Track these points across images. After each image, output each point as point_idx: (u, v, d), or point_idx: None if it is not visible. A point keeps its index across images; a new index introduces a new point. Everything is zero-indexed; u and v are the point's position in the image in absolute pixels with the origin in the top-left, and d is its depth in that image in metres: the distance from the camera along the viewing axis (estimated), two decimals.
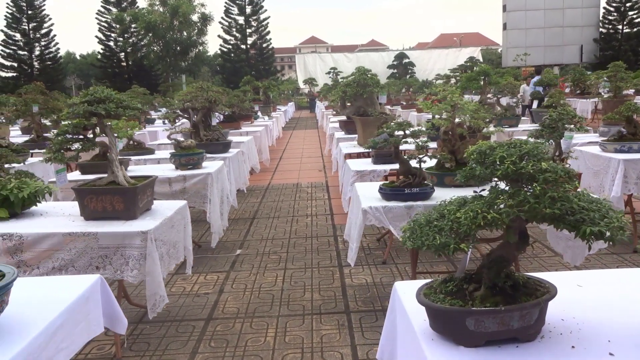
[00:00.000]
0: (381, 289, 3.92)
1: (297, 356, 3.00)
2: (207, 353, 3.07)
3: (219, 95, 5.93)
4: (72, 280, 2.04)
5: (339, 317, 3.47)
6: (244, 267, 4.54)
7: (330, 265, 4.48)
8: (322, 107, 19.16)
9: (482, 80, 9.84)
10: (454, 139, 3.53)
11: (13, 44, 40.53)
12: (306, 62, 39.62)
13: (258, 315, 3.56)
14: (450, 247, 1.30)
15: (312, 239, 5.29)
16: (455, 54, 39.70)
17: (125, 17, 38.26)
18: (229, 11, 42.38)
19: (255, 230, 5.74)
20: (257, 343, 3.17)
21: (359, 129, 6.01)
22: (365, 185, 3.66)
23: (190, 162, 4.60)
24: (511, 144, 1.36)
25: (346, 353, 3.01)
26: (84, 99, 3.00)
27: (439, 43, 77.98)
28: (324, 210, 6.55)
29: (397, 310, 1.79)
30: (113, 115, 2.99)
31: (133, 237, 2.82)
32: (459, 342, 1.40)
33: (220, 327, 3.41)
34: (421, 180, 3.12)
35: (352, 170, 4.44)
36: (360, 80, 5.81)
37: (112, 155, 3.13)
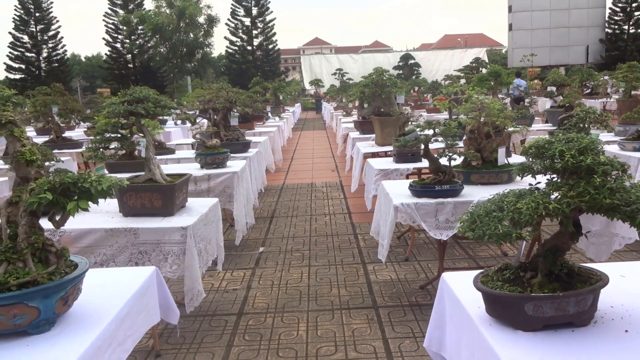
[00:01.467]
0: (406, 285, 4.00)
1: (331, 349, 3.07)
2: (242, 346, 3.15)
3: (238, 95, 6.01)
4: (130, 271, 2.12)
5: (368, 312, 3.54)
6: (268, 264, 4.62)
7: (353, 263, 4.55)
8: (330, 108, 19.24)
9: (493, 80, 9.90)
10: (480, 137, 3.60)
11: (21, 46, 40.82)
12: (312, 63, 39.74)
13: (288, 310, 3.64)
14: (513, 236, 1.38)
15: (333, 237, 5.36)
16: (460, 55, 39.70)
17: (132, 19, 38.46)
18: (235, 13, 42.60)
19: (276, 228, 5.82)
20: (290, 337, 3.25)
21: (376, 129, 6.08)
22: (392, 183, 3.74)
23: (215, 162, 4.69)
24: (568, 138, 1.43)
25: (378, 346, 3.08)
26: (123, 99, 3.08)
27: (443, 44, 77.97)
28: (341, 209, 6.62)
29: (447, 300, 1.86)
30: (152, 114, 3.08)
31: (172, 232, 2.90)
32: (517, 326, 1.47)
33: (252, 321, 3.49)
34: (451, 177, 3.19)
35: (375, 169, 4.52)
36: (379, 81, 5.88)
37: (149, 154, 3.22)
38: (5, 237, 1.55)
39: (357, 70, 36.85)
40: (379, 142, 6.04)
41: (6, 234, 1.55)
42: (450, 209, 3.13)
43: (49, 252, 1.59)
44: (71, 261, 1.68)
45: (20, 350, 1.46)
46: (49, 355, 1.42)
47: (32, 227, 1.56)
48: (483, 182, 3.50)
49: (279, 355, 3.03)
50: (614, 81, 13.01)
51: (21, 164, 1.55)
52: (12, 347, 1.48)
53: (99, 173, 1.62)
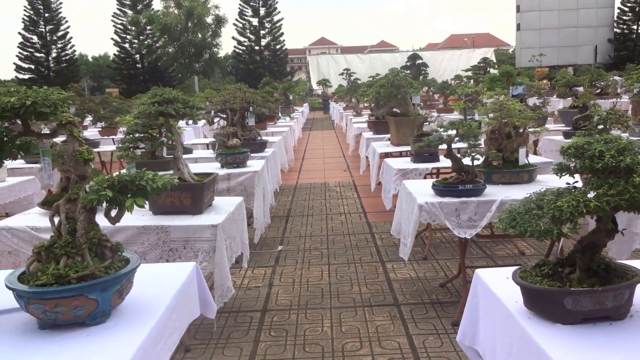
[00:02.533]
0: (426, 283, 4.05)
1: (356, 345, 3.14)
2: (269, 341, 3.22)
3: (255, 96, 6.09)
4: (172, 267, 2.19)
5: (390, 309, 3.61)
6: (288, 262, 4.69)
7: (372, 261, 4.61)
8: (339, 108, 19.31)
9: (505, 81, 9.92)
10: (501, 137, 3.65)
11: (30, 46, 41.12)
12: (319, 63, 39.81)
13: (311, 307, 3.71)
14: (554, 233, 1.44)
15: (350, 236, 5.42)
16: (468, 55, 39.66)
17: (140, 20, 38.68)
18: (243, 13, 42.77)
19: (292, 227, 5.89)
20: (315, 333, 3.31)
21: (392, 129, 6.14)
22: (414, 182, 3.79)
23: (236, 161, 4.76)
24: (606, 139, 1.49)
25: (403, 342, 3.14)
26: (153, 99, 3.16)
27: (449, 44, 77.84)
28: (355, 208, 6.68)
29: (481, 295, 1.92)
30: (181, 115, 3.15)
31: (203, 230, 2.98)
32: (556, 320, 1.53)
33: (276, 317, 3.56)
34: (473, 177, 3.25)
35: (394, 169, 4.58)
36: (394, 81, 5.94)
37: (177, 153, 3.29)
38: (65, 233, 1.62)
39: (364, 70, 36.89)
40: (394, 142, 6.10)
41: (66, 229, 1.62)
42: (473, 208, 3.18)
43: (104, 247, 1.67)
44: (122, 256, 1.76)
45: (82, 340, 1.54)
46: (110, 346, 1.49)
47: (90, 223, 1.63)
48: (504, 182, 3.55)
49: (306, 350, 3.10)
50: (624, 81, 13.00)
51: (79, 162, 1.62)
52: (74, 337, 1.55)
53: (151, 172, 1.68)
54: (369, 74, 27.20)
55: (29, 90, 1.57)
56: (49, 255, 1.61)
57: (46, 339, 1.56)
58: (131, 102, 12.05)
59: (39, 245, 1.63)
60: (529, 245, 4.86)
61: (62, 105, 1.60)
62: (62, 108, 1.60)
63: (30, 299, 1.53)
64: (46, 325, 1.61)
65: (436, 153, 4.75)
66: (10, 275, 1.63)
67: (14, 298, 1.81)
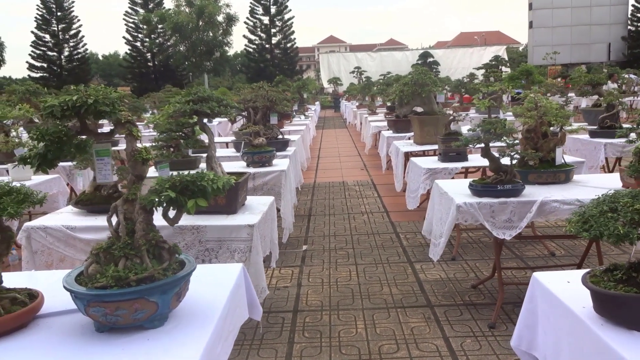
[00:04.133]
0: (457, 284, 4.00)
1: (393, 347, 3.09)
2: (303, 343, 3.19)
3: (278, 94, 6.05)
4: (220, 268, 2.15)
5: (424, 311, 3.56)
6: (314, 262, 4.65)
7: (399, 261, 4.56)
8: (352, 106, 19.24)
9: (525, 78, 9.82)
10: (537, 137, 3.59)
11: (43, 44, 41.38)
12: (330, 62, 39.75)
13: (343, 308, 3.66)
14: (633, 237, 1.38)
15: (374, 236, 5.38)
16: (479, 53, 39.41)
17: (152, 18, 38.80)
18: (254, 11, 42.78)
19: (315, 227, 5.85)
20: (349, 334, 3.27)
21: (415, 128, 6.08)
22: (448, 182, 3.74)
23: (262, 160, 4.73)
24: None
25: (440, 345, 3.09)
26: (188, 98, 3.13)
27: (459, 42, 77.46)
28: (377, 208, 6.63)
29: (540, 299, 1.87)
30: (216, 113, 3.12)
31: (239, 230, 2.94)
32: (632, 326, 1.47)
33: (308, 318, 3.52)
34: (512, 177, 3.19)
35: (423, 168, 4.52)
36: (419, 80, 5.87)
37: (211, 152, 3.26)
38: (124, 234, 1.59)
39: (375, 69, 36.78)
40: (418, 141, 6.04)
41: (125, 230, 1.59)
42: (513, 209, 3.12)
43: (162, 249, 1.63)
44: (176, 257, 1.72)
45: (142, 344, 1.50)
46: (173, 351, 1.46)
47: (148, 224, 1.60)
48: (541, 182, 3.48)
49: (342, 352, 3.06)
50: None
51: (138, 162, 1.59)
52: (134, 341, 1.52)
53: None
54: (380, 72, 27.09)
55: (88, 88, 1.54)
56: (107, 257, 1.58)
57: (106, 342, 1.53)
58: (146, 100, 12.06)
59: (97, 247, 1.60)
60: (558, 247, 4.78)
61: (120, 104, 1.57)
62: (120, 107, 1.57)
63: (90, 302, 1.50)
64: (104, 328, 1.58)
65: (464, 152, 4.70)
66: (67, 276, 1.61)
67: (61, 299, 1.79)
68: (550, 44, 37.60)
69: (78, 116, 1.54)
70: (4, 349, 1.53)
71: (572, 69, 32.13)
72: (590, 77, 7.68)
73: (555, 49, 36.63)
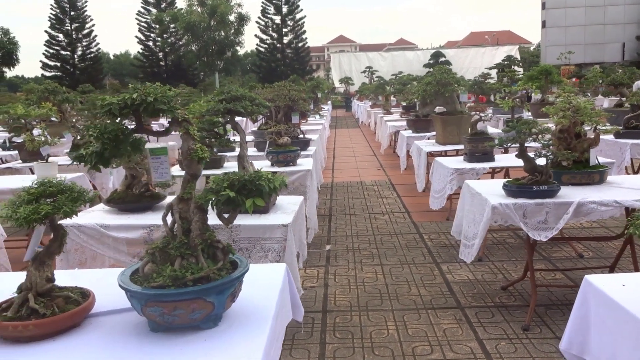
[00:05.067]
0: (486, 286, 3.96)
1: (427, 349, 3.06)
2: (335, 343, 3.17)
3: (299, 93, 6.04)
4: (264, 267, 2.14)
5: (454, 312, 3.52)
6: (339, 262, 4.63)
7: (425, 262, 4.53)
8: (366, 106, 19.20)
9: (544, 78, 9.73)
10: (570, 137, 3.54)
11: (56, 44, 41.70)
12: (341, 61, 39.71)
13: (372, 308, 3.64)
14: None
15: (397, 236, 5.34)
16: (492, 52, 39.17)
17: (164, 18, 38.97)
18: (265, 11, 42.87)
19: (337, 226, 5.83)
20: (381, 335, 3.25)
21: (438, 128, 6.04)
22: (480, 183, 3.70)
23: (287, 159, 4.72)
24: None
25: (474, 347, 3.06)
26: (221, 97, 3.12)
27: (469, 41, 77.06)
28: (397, 208, 6.59)
29: (594, 303, 1.84)
30: (249, 112, 3.11)
31: (274, 230, 2.93)
32: None
33: (338, 319, 3.50)
34: (547, 177, 3.15)
35: (449, 169, 4.48)
36: (441, 79, 5.83)
37: (243, 152, 3.25)
38: (180, 233, 1.58)
39: (386, 68, 36.69)
40: (440, 141, 6.00)
41: (180, 229, 1.58)
42: (549, 210, 3.08)
43: (216, 249, 1.62)
44: None
45: (200, 345, 1.49)
46: (235, 352, 1.44)
47: (204, 224, 1.59)
48: (574, 183, 3.43)
49: (375, 353, 3.03)
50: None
51: (193, 161, 1.58)
52: (191, 341, 1.51)
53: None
54: (392, 71, 27.03)
55: (147, 86, 1.53)
56: (162, 256, 1.57)
57: (163, 342, 1.51)
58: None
59: (153, 246, 1.58)
60: (585, 248, 4.73)
61: (176, 102, 1.56)
62: (177, 105, 1.56)
63: (148, 301, 1.49)
64: (159, 328, 1.57)
65: (491, 152, 4.65)
66: (121, 275, 1.60)
67: (107, 298, 1.78)
68: (564, 43, 37.35)
69: (134, 114, 1.53)
70: (60, 348, 1.52)
71: (586, 69, 31.86)
72: (612, 78, 7.59)
73: (569, 48, 36.40)
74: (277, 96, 5.95)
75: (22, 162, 5.86)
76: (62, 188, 1.63)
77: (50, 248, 1.67)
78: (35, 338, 1.55)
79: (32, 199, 1.61)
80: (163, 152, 1.66)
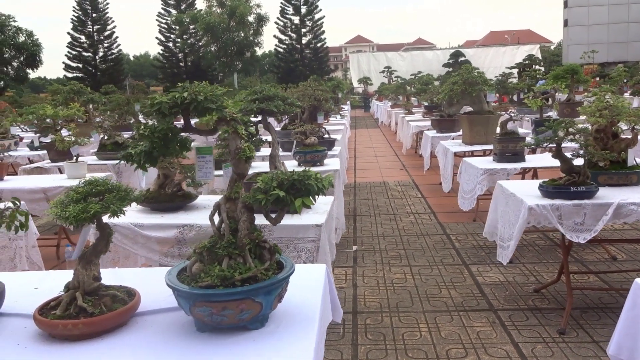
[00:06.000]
0: (518, 288, 3.90)
1: (461, 351, 3.02)
2: (368, 345, 3.14)
3: (325, 93, 6.03)
4: (304, 267, 2.12)
5: (487, 315, 3.47)
6: (366, 262, 4.61)
7: (454, 264, 4.48)
8: (386, 106, 19.13)
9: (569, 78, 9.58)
10: (607, 137, 3.47)
11: (78, 45, 42.34)
12: (360, 61, 39.61)
13: (403, 310, 3.60)
14: None
15: (424, 237, 5.29)
16: (512, 52, 38.66)
17: (184, 19, 39.32)
18: (284, 11, 42.98)
19: (362, 227, 5.80)
20: (413, 337, 3.21)
21: (465, 128, 5.97)
22: (514, 183, 3.64)
23: (314, 159, 4.70)
24: None
25: (510, 350, 3.00)
26: (254, 97, 3.12)
27: (489, 41, 76.25)
28: (423, 208, 6.54)
29: None
30: (282, 112, 3.10)
31: (307, 229, 2.91)
32: None
33: (369, 320, 3.47)
34: (585, 178, 3.08)
35: (480, 169, 4.43)
36: (468, 78, 5.77)
37: (275, 151, 3.24)
38: (228, 233, 1.57)
39: (405, 68, 36.47)
40: (467, 141, 5.93)
41: (228, 229, 1.57)
42: (587, 211, 3.02)
43: (263, 249, 1.61)
44: None
45: (249, 345, 1.48)
46: (286, 352, 1.43)
47: (251, 223, 1.58)
48: (611, 184, 3.36)
49: (409, 355, 3.00)
50: None
51: (241, 160, 1.57)
52: (239, 341, 1.50)
53: None
54: (411, 71, 26.84)
55: (196, 85, 1.53)
56: (210, 256, 1.56)
57: (211, 342, 1.51)
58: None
59: (200, 246, 1.58)
60: (618, 251, 4.63)
61: (225, 101, 1.55)
62: (225, 104, 1.55)
63: (197, 301, 1.48)
64: (206, 328, 1.56)
65: (522, 153, 4.58)
66: (168, 274, 1.59)
67: (150, 297, 1.78)
68: (586, 42, 36.79)
69: (183, 113, 1.53)
70: (108, 346, 1.53)
71: (609, 68, 31.29)
72: (637, 78, 7.44)
73: (592, 47, 35.79)
74: (303, 96, 5.95)
75: (51, 162, 5.94)
76: (110, 187, 1.64)
77: (97, 247, 1.68)
78: (83, 337, 1.56)
79: (80, 197, 1.61)
80: (209, 152, 1.65)
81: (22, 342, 1.57)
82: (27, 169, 5.99)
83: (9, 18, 37.09)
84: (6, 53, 37.30)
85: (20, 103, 15.28)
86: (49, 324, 1.54)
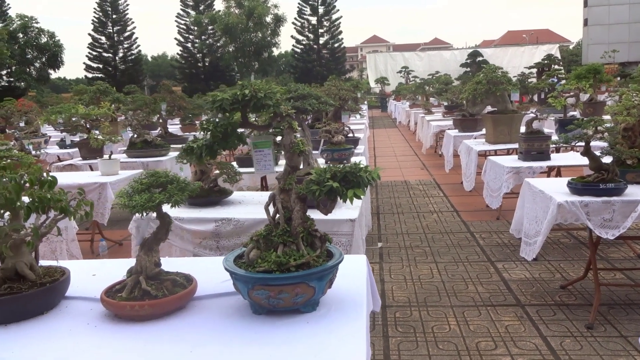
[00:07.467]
0: (544, 285, 3.95)
1: (490, 344, 3.09)
2: (399, 337, 3.23)
3: (349, 93, 6.12)
4: (347, 258, 2.21)
5: (515, 310, 3.53)
6: (392, 259, 4.69)
7: (480, 260, 4.54)
8: (404, 106, 19.16)
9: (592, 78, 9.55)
10: (635, 135, 3.51)
11: (99, 46, 42.98)
12: (376, 61, 39.59)
13: (431, 304, 3.68)
14: None
15: (449, 235, 5.36)
16: (531, 52, 38.34)
17: (203, 20, 39.70)
18: (302, 12, 43.17)
19: (386, 225, 5.88)
20: (443, 330, 3.29)
21: (488, 127, 6.02)
22: (542, 181, 3.70)
23: (341, 157, 4.80)
24: None
25: (539, 343, 3.07)
26: (288, 96, 3.22)
27: (506, 40, 75.57)
28: (445, 207, 6.60)
29: None
30: (316, 111, 3.20)
31: (342, 224, 3.01)
32: None
33: (398, 314, 3.56)
34: (614, 175, 3.13)
35: (506, 167, 4.49)
36: (492, 78, 5.82)
37: (308, 148, 3.34)
38: (282, 222, 1.67)
39: (422, 68, 36.38)
40: (490, 140, 5.98)
41: (283, 218, 1.67)
42: (615, 208, 3.07)
43: (314, 237, 1.71)
44: None
45: (304, 326, 1.57)
46: (340, 331, 1.52)
47: (304, 213, 1.68)
48: (638, 182, 3.40)
49: (439, 347, 3.08)
50: None
51: (294, 154, 1.67)
52: (294, 323, 1.60)
53: None
54: (428, 71, 26.79)
55: (255, 82, 1.63)
56: (266, 243, 1.66)
57: (268, 323, 1.61)
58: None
59: (257, 234, 1.68)
60: None
61: (281, 98, 1.65)
62: (281, 101, 1.66)
63: (255, 284, 1.59)
64: (262, 311, 1.67)
65: (547, 151, 4.63)
66: (225, 260, 1.70)
67: (202, 284, 1.89)
68: (607, 42, 36.32)
69: (241, 110, 1.63)
70: (171, 327, 1.63)
71: (630, 67, 30.90)
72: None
73: (612, 47, 35.39)
74: (327, 95, 6.04)
75: (82, 160, 6.13)
76: (171, 179, 1.75)
77: (158, 234, 1.79)
78: (148, 317, 1.67)
79: (144, 188, 1.73)
80: (267, 145, 1.75)
81: (91, 322, 1.69)
82: (59, 166, 6.18)
83: (32, 19, 37.81)
84: (29, 54, 38.04)
85: (43, 103, 15.62)
86: (117, 305, 1.66)
